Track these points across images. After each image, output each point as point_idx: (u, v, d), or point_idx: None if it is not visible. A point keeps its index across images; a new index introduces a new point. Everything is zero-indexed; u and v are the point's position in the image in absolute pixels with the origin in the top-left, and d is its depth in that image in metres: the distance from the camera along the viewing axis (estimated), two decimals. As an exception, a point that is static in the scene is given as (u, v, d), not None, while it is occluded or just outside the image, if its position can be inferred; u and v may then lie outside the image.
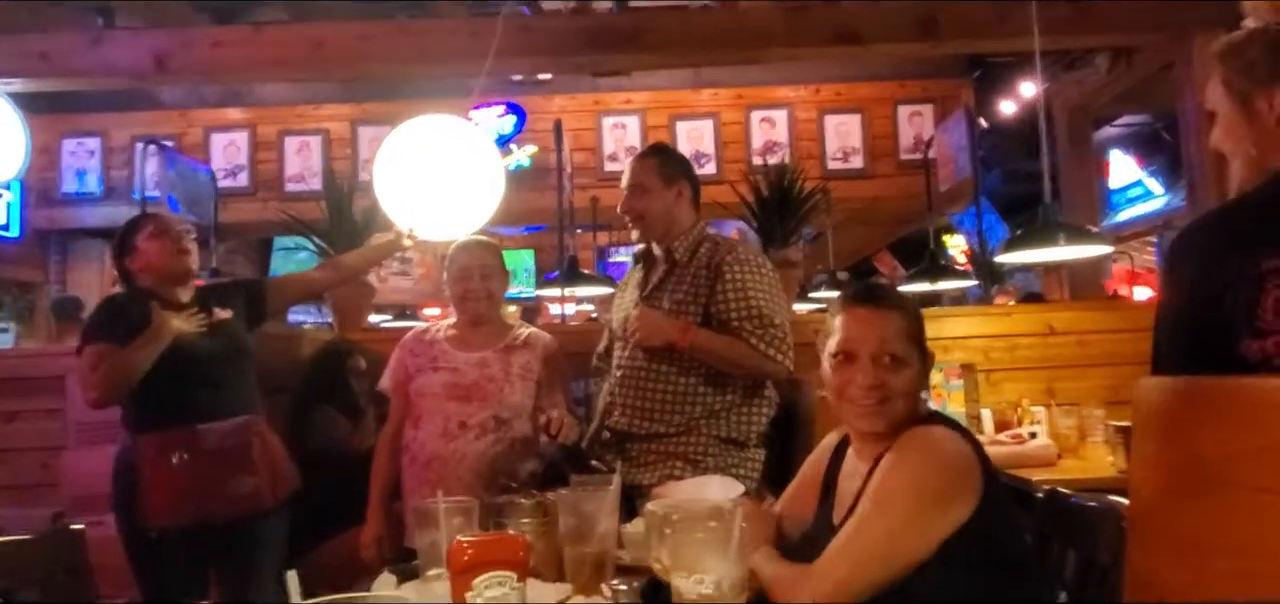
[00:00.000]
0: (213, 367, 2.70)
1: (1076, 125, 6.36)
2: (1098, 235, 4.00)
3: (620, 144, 6.81)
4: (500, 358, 2.66)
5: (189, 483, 2.59)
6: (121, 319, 2.64)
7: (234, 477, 2.67)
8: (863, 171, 6.77)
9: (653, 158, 2.69)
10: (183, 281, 2.80)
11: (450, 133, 2.90)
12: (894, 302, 1.65)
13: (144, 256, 2.75)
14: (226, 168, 6.74)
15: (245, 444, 2.72)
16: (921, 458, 1.52)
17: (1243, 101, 1.33)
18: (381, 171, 2.83)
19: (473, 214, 2.84)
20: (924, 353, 1.63)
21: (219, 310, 2.82)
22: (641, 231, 2.64)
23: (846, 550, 1.48)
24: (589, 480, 1.85)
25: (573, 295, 5.84)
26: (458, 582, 1.20)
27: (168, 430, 2.61)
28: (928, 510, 1.48)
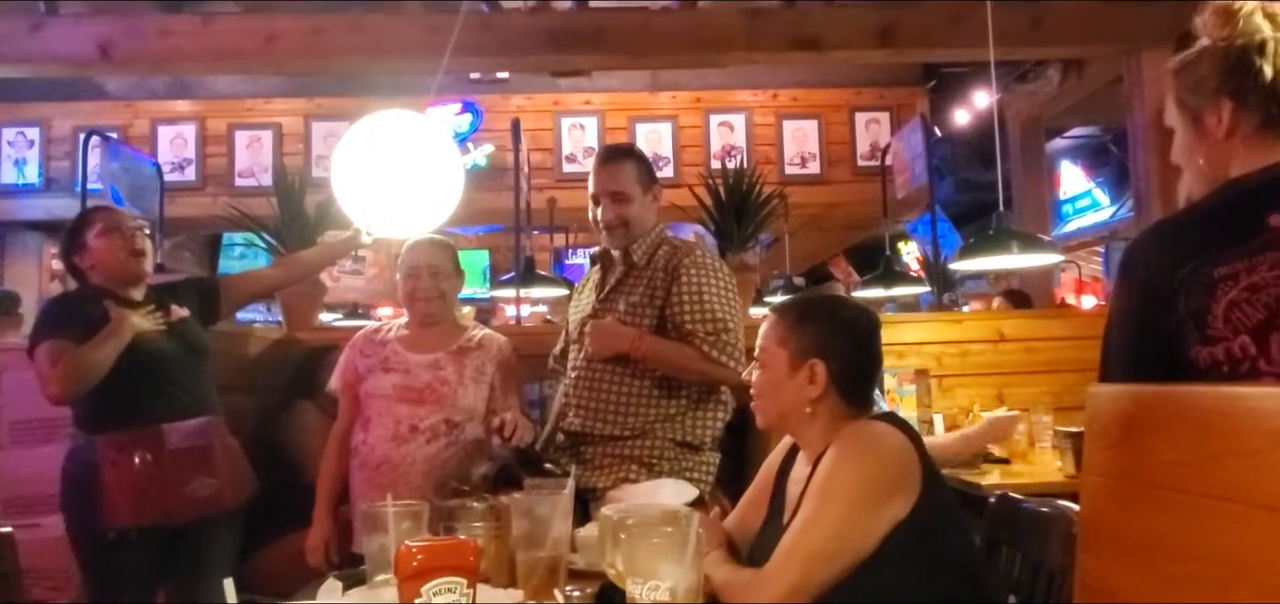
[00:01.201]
0: (172, 366, 2.66)
1: (1029, 136, 6.48)
2: (1049, 244, 4.08)
3: (579, 145, 6.79)
4: (453, 360, 2.62)
5: (151, 483, 2.56)
6: (77, 315, 2.59)
7: (196, 478, 2.64)
8: (819, 177, 6.82)
9: (630, 162, 2.61)
10: (135, 282, 2.74)
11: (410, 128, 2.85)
12: (778, 309, 1.81)
13: (94, 255, 2.69)
14: (174, 161, 6.59)
15: (207, 446, 2.69)
16: (860, 452, 1.55)
17: (1194, 118, 1.36)
18: (339, 166, 2.78)
19: (432, 212, 2.80)
20: (796, 358, 1.68)
21: (176, 308, 2.77)
22: (621, 238, 2.56)
23: (794, 551, 1.51)
24: (542, 484, 1.83)
25: (528, 297, 5.79)
26: (406, 588, 1.16)
27: (128, 430, 2.57)
28: (869, 503, 1.52)
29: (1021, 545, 1.79)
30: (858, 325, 1.73)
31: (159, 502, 2.56)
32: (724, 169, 4.13)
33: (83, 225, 2.74)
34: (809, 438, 1.70)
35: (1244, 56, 1.26)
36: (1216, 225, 1.35)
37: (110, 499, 2.53)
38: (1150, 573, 1.24)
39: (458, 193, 2.90)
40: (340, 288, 8.36)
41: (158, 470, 2.57)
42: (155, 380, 2.61)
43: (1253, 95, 1.27)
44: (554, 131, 6.82)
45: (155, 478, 2.56)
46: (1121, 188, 8.13)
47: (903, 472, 1.55)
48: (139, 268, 2.73)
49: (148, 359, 2.59)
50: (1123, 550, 1.31)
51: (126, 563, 2.55)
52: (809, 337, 1.69)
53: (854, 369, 1.69)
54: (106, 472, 2.54)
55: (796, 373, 1.67)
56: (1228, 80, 1.29)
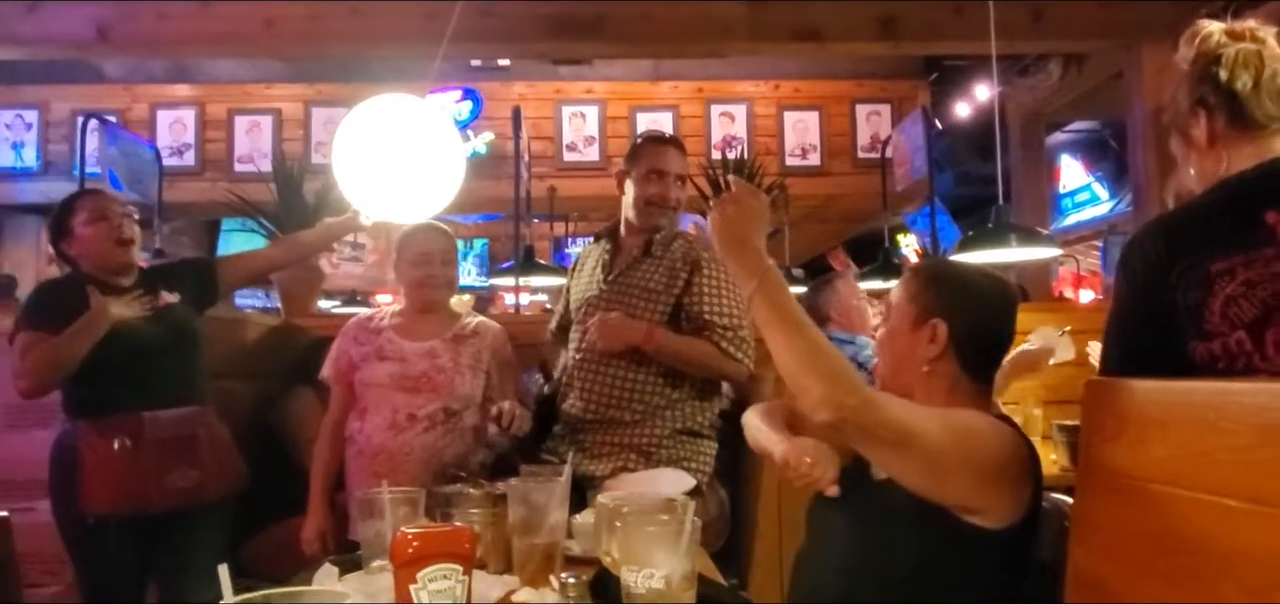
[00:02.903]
0: (156, 352, 2.61)
1: (1029, 130, 6.47)
2: (1048, 238, 4.08)
3: (579, 133, 6.78)
4: (449, 348, 2.61)
5: (130, 471, 2.51)
6: (56, 305, 2.54)
7: (177, 468, 2.59)
8: (820, 169, 6.83)
9: (679, 151, 2.68)
10: (123, 270, 2.70)
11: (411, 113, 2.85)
12: (911, 268, 1.85)
13: (81, 242, 2.65)
14: (173, 146, 6.58)
15: (190, 435, 2.65)
16: (989, 430, 1.54)
17: (1182, 135, 1.48)
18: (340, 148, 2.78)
19: (432, 197, 2.80)
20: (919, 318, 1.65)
21: (166, 294, 2.73)
22: (661, 218, 2.62)
23: (909, 413, 1.50)
24: (539, 471, 1.83)
25: (528, 285, 5.79)
26: (402, 574, 1.16)
27: (109, 416, 2.53)
28: (971, 461, 1.50)
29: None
30: (988, 294, 1.69)
31: (137, 490, 2.52)
32: (725, 159, 4.13)
33: (69, 211, 2.68)
34: (925, 401, 1.65)
35: (1207, 69, 1.41)
36: (1214, 221, 1.36)
37: (89, 485, 2.50)
38: (1142, 568, 1.24)
39: (459, 179, 2.90)
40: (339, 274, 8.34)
41: (136, 458, 2.52)
42: (137, 367, 2.57)
43: (1214, 97, 1.41)
44: (555, 120, 6.81)
45: (134, 465, 2.52)
46: (1121, 182, 8.13)
47: (1023, 480, 1.54)
48: (126, 256, 2.69)
49: (130, 346, 2.55)
50: (1115, 545, 1.32)
51: (108, 551, 2.52)
52: (936, 295, 1.66)
53: (978, 337, 1.65)
54: (86, 457, 2.51)
55: (918, 330, 1.64)
56: (1196, 91, 1.43)
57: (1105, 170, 8.77)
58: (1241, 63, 1.39)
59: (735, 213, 1.59)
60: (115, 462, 2.50)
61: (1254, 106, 1.39)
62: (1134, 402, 1.32)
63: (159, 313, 2.67)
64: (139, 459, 2.53)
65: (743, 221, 1.58)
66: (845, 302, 3.58)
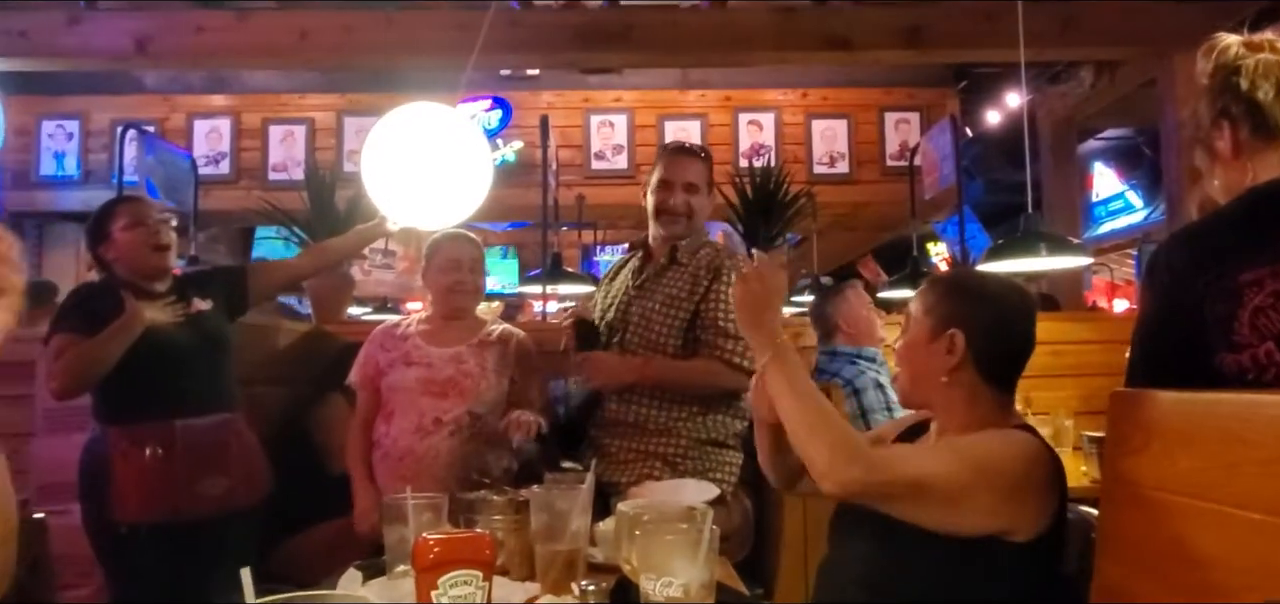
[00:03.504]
0: (188, 359, 2.64)
1: (1060, 137, 6.40)
2: (1078, 246, 4.02)
3: (608, 142, 6.80)
4: (475, 353, 2.64)
5: (161, 479, 2.54)
6: (90, 309, 2.57)
7: (207, 476, 2.61)
8: (848, 177, 6.79)
9: (700, 161, 2.71)
10: (158, 275, 2.74)
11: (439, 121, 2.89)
12: (929, 279, 1.85)
13: (119, 247, 2.68)
14: (209, 155, 6.68)
15: (221, 443, 2.68)
16: (1005, 448, 1.55)
17: (1205, 148, 1.49)
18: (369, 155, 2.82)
19: (459, 204, 2.83)
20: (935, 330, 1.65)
21: (198, 301, 2.76)
22: (682, 228, 2.64)
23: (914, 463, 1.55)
24: (562, 478, 1.84)
25: (555, 293, 5.81)
26: (423, 579, 1.18)
27: (141, 423, 2.56)
28: (996, 492, 1.50)
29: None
30: (1006, 302, 1.69)
31: (168, 497, 2.54)
32: (752, 168, 4.13)
33: (107, 217, 2.72)
34: (945, 413, 1.66)
35: (1227, 79, 1.42)
36: (1241, 232, 1.35)
37: (121, 492, 2.52)
38: (1167, 580, 1.23)
39: (486, 186, 2.93)
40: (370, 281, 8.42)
41: (168, 466, 2.54)
42: (170, 373, 2.59)
43: (1236, 107, 1.41)
44: (583, 128, 6.83)
45: (165, 473, 2.54)
46: (1155, 190, 8.01)
47: (1047, 490, 1.54)
48: (162, 261, 2.73)
49: (163, 352, 2.57)
50: (1141, 557, 1.31)
51: (139, 557, 2.54)
52: (953, 306, 1.66)
53: (997, 346, 1.65)
54: (117, 464, 2.53)
55: (936, 340, 1.64)
56: (1218, 102, 1.44)
57: (1139, 178, 8.65)
58: (1262, 72, 1.39)
59: (759, 289, 1.70)
60: (147, 469, 2.53)
61: (1277, 115, 1.39)
62: (1160, 413, 1.31)
63: (191, 319, 2.70)
64: (170, 467, 2.55)
65: (764, 297, 1.70)
66: (854, 312, 3.52)
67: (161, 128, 6.57)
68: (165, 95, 6.83)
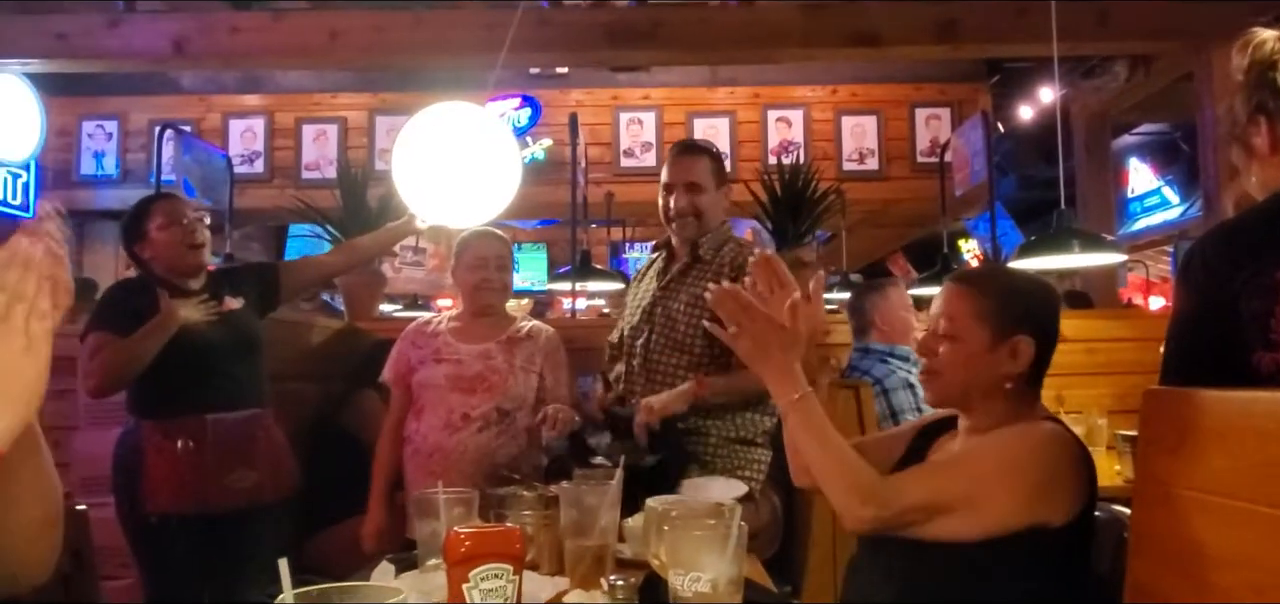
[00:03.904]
0: (220, 356, 2.69)
1: (1094, 132, 6.32)
2: (1112, 243, 3.98)
3: (636, 140, 6.82)
4: (503, 350, 2.66)
5: (192, 472, 2.59)
6: (125, 308, 2.63)
7: (237, 470, 2.66)
8: (878, 173, 6.76)
9: (707, 158, 2.68)
10: (193, 273, 2.79)
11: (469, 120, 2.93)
12: (970, 280, 1.71)
13: (155, 245, 2.73)
14: (244, 154, 6.78)
15: (250, 437, 2.72)
16: (1027, 443, 1.54)
17: (1242, 145, 1.47)
18: (399, 155, 2.85)
19: (489, 202, 2.86)
20: (999, 334, 1.59)
21: (230, 298, 2.81)
22: (693, 229, 2.62)
23: (926, 489, 1.53)
24: (592, 474, 1.86)
25: (584, 290, 5.84)
26: (454, 572, 1.20)
27: (174, 418, 2.61)
28: (1016, 491, 1.50)
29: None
30: (1053, 302, 1.70)
31: (198, 490, 2.59)
32: (780, 165, 4.11)
33: (143, 215, 2.76)
34: (985, 416, 1.62)
35: (1263, 74, 1.39)
36: (1277, 228, 1.33)
37: (153, 484, 2.58)
38: (1200, 581, 1.22)
39: (515, 185, 2.96)
40: (401, 278, 8.51)
41: (199, 459, 2.59)
42: (202, 369, 2.64)
43: (1273, 102, 1.38)
44: (612, 126, 6.85)
45: (196, 467, 2.59)
46: (1192, 186, 7.89)
47: (1074, 480, 1.53)
48: (197, 259, 2.77)
49: (196, 348, 2.62)
50: (1173, 557, 1.30)
51: (170, 548, 2.60)
52: (1018, 312, 1.61)
53: (1050, 348, 1.64)
54: (150, 457, 2.59)
55: (998, 348, 1.58)
56: (1254, 98, 1.41)
57: (1176, 174, 8.52)
58: None
59: (762, 329, 1.64)
60: (179, 462, 2.58)
61: None
62: (1194, 412, 1.30)
63: (223, 316, 2.74)
64: (201, 460, 2.60)
65: (768, 336, 1.64)
66: (893, 311, 3.45)
67: (198, 127, 6.67)
68: (201, 95, 6.94)
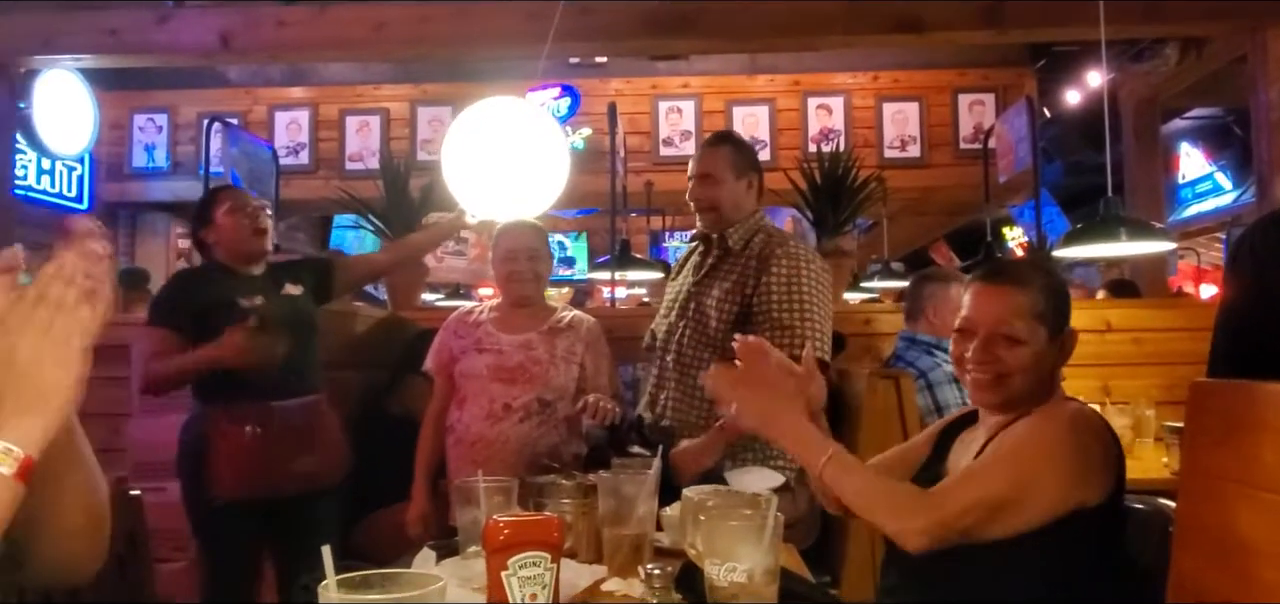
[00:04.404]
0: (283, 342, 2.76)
1: (1143, 117, 6.17)
2: (1161, 231, 3.90)
3: (676, 128, 6.81)
4: (544, 340, 2.67)
5: (258, 457, 2.67)
6: (187, 302, 2.73)
7: (299, 455, 2.75)
8: (920, 161, 6.68)
9: (725, 147, 2.68)
10: (257, 259, 2.89)
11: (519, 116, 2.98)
12: (1016, 279, 1.67)
13: (221, 231, 2.84)
14: (289, 146, 6.89)
15: (310, 424, 2.81)
16: (1059, 426, 1.53)
17: None
18: (449, 149, 2.89)
19: (538, 196, 2.91)
20: (1054, 330, 1.62)
21: (290, 286, 2.91)
22: (711, 221, 2.63)
23: (972, 492, 1.50)
24: (629, 464, 1.87)
25: (624, 279, 5.86)
26: (493, 560, 1.22)
27: (240, 404, 2.69)
28: (1067, 474, 1.49)
29: (1117, 543, 1.75)
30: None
31: (264, 475, 2.67)
32: (820, 153, 4.09)
33: (211, 202, 2.90)
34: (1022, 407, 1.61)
35: None
36: None
37: (220, 468, 2.66)
38: (1245, 575, 1.20)
39: (563, 179, 3.00)
40: (443, 268, 8.59)
41: (265, 444, 2.68)
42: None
43: None
44: (651, 115, 6.85)
45: (262, 451, 2.67)
46: (1245, 171, 7.68)
47: (1100, 459, 1.53)
48: (261, 245, 2.88)
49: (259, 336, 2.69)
50: (1218, 551, 1.28)
51: (234, 530, 2.69)
52: (1063, 305, 1.66)
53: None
54: (217, 442, 2.67)
55: (1053, 343, 1.62)
56: None
57: (1229, 159, 8.31)
58: None
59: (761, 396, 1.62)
60: (246, 447, 2.67)
61: None
62: (1241, 404, 1.28)
63: (284, 304, 2.84)
64: (267, 445, 2.69)
65: (768, 402, 1.62)
66: (950, 306, 3.30)
67: (244, 120, 6.79)
68: (248, 88, 7.06)
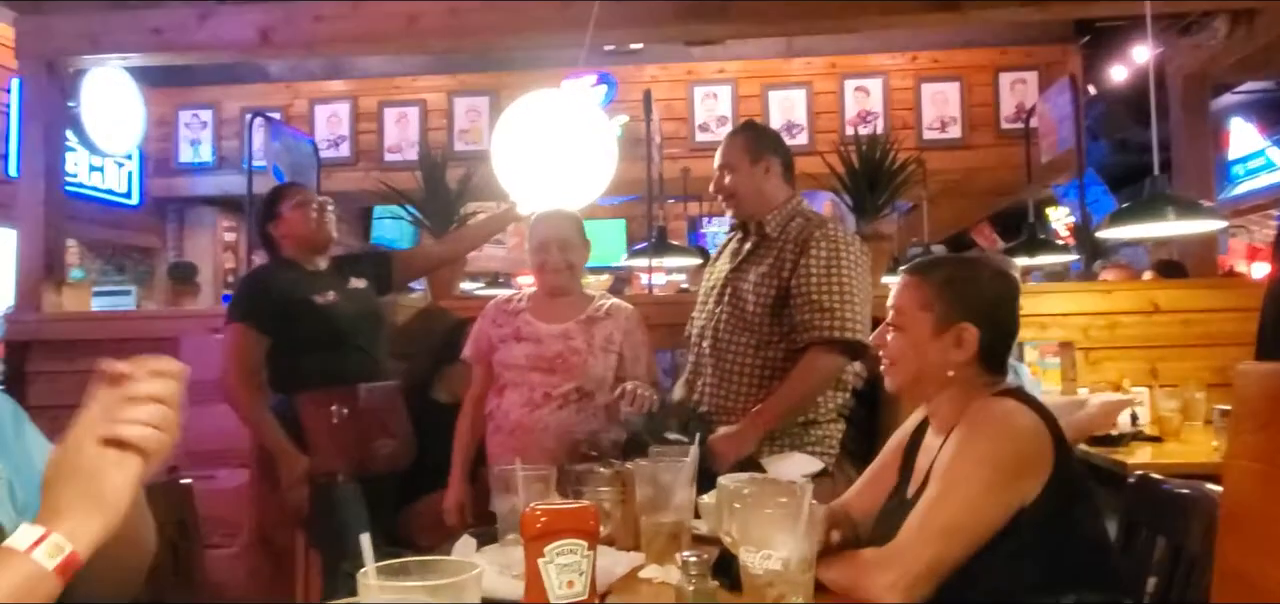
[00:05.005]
0: (355, 331, 2.91)
1: (1192, 92, 6.01)
2: (1210, 210, 3.80)
3: (712, 114, 6.78)
4: (582, 329, 2.68)
5: (349, 436, 2.81)
6: (265, 298, 2.85)
7: (380, 436, 2.89)
8: (960, 141, 6.58)
9: (739, 136, 2.72)
10: (322, 250, 3.00)
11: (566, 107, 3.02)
12: (918, 269, 1.72)
13: (288, 225, 2.95)
14: (329, 138, 6.97)
15: (388, 407, 2.93)
16: (994, 429, 1.52)
17: None
18: (499, 142, 2.93)
19: (585, 187, 2.94)
20: (942, 321, 1.62)
21: (354, 279, 3.01)
22: (734, 209, 2.68)
23: (927, 525, 1.46)
24: (666, 452, 1.88)
25: (661, 266, 5.86)
26: (531, 547, 1.24)
27: (323, 389, 2.82)
28: (1003, 481, 1.48)
29: (1161, 528, 1.72)
30: (1005, 288, 1.69)
31: (354, 454, 2.81)
32: (857, 136, 4.05)
33: (278, 198, 3.02)
34: (942, 407, 1.64)
35: None
36: None
37: (317, 449, 2.79)
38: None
39: (610, 170, 3.02)
40: (481, 257, 8.65)
41: (352, 425, 2.82)
42: (344, 345, 2.86)
43: None
44: (687, 101, 6.82)
45: (351, 431, 2.81)
46: (1301, 146, 7.48)
47: (1036, 451, 1.51)
48: (326, 237, 3.00)
49: (335, 327, 2.84)
50: (1265, 537, 1.25)
51: (338, 507, 2.77)
52: (957, 299, 1.63)
53: (1001, 335, 1.66)
54: (310, 425, 2.79)
55: (941, 336, 1.61)
56: None
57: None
58: None
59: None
60: (336, 428, 2.80)
61: None
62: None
63: (352, 296, 2.95)
64: (355, 426, 2.82)
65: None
66: None
67: (286, 114, 6.89)
68: (288, 83, 7.14)
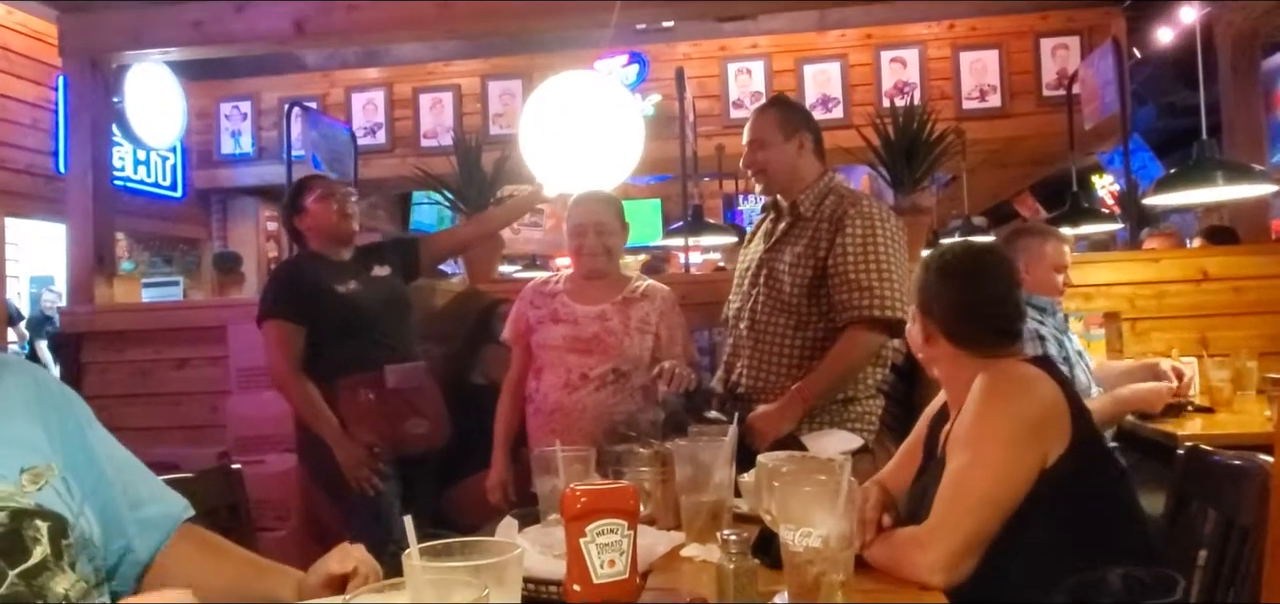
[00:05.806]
0: (379, 319, 2.94)
1: (1242, 53, 5.82)
2: (1261, 174, 3.70)
3: (745, 90, 6.73)
4: (619, 311, 2.69)
5: (382, 417, 2.86)
6: (297, 293, 2.89)
7: (411, 417, 2.93)
8: (1000, 110, 6.46)
9: (771, 110, 2.70)
10: (346, 243, 3.03)
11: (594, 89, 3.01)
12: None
13: (312, 217, 2.99)
14: (366, 126, 7.05)
15: (417, 388, 2.97)
16: (1007, 392, 1.56)
17: None
18: (527, 125, 2.93)
19: (613, 168, 2.94)
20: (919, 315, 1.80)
21: (378, 268, 3.04)
22: (764, 185, 2.66)
23: (959, 502, 1.49)
24: (706, 431, 1.88)
25: (697, 245, 5.84)
26: (572, 527, 1.25)
27: (353, 374, 2.86)
28: (1024, 436, 1.52)
29: (1212, 500, 1.69)
30: (959, 270, 1.75)
31: (388, 434, 2.85)
32: (893, 108, 3.99)
33: (301, 191, 3.05)
34: (948, 388, 1.77)
35: None
36: None
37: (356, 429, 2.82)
38: (1347, 534, 1.16)
39: (638, 151, 3.02)
40: (519, 240, 8.71)
41: (383, 406, 2.86)
42: (370, 333, 2.89)
43: None
44: (720, 77, 6.78)
45: (384, 412, 2.86)
46: (1357, 105, 7.23)
47: (1053, 412, 1.54)
48: (348, 229, 3.02)
49: (362, 317, 2.88)
50: (1318, 509, 1.23)
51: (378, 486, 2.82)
52: (919, 293, 1.78)
53: (962, 314, 1.72)
54: (346, 409, 2.83)
55: (922, 328, 1.78)
56: None
57: (1338, 92, 7.82)
58: None
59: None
60: (367, 411, 2.84)
61: None
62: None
63: (377, 284, 2.98)
64: (387, 407, 2.86)
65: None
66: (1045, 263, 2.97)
67: (323, 103, 6.96)
68: (325, 72, 7.23)
